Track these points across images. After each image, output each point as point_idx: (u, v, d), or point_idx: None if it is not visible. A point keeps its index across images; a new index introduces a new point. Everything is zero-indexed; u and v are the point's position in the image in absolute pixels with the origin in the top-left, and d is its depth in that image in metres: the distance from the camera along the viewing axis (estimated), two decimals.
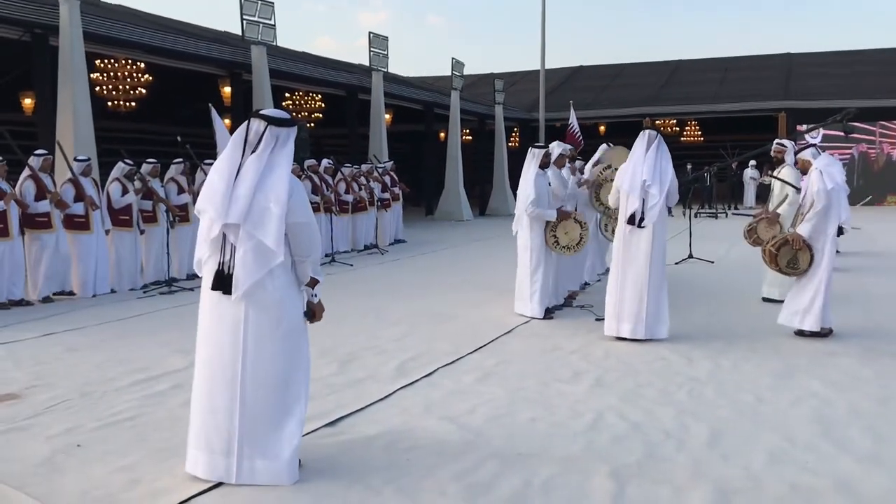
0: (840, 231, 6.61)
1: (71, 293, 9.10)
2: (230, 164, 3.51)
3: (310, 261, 3.59)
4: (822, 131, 26.84)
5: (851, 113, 9.23)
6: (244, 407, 3.52)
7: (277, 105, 18.85)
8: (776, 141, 8.77)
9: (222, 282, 3.51)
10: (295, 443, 3.58)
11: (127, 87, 19.02)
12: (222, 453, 3.55)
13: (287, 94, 23.57)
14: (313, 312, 3.69)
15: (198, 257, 3.63)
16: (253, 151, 3.50)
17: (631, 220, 6.49)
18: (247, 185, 3.44)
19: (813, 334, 6.54)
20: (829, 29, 70.63)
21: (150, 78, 19.02)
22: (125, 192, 9.70)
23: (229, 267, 3.50)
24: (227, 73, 16.88)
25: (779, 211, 8.09)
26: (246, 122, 3.58)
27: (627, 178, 6.55)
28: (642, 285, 6.44)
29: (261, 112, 3.60)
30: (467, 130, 29.31)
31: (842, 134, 22.96)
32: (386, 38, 20.56)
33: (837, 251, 11.82)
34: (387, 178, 15.83)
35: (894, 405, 4.76)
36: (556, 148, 8.21)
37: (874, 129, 27.18)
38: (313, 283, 3.64)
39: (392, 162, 17.02)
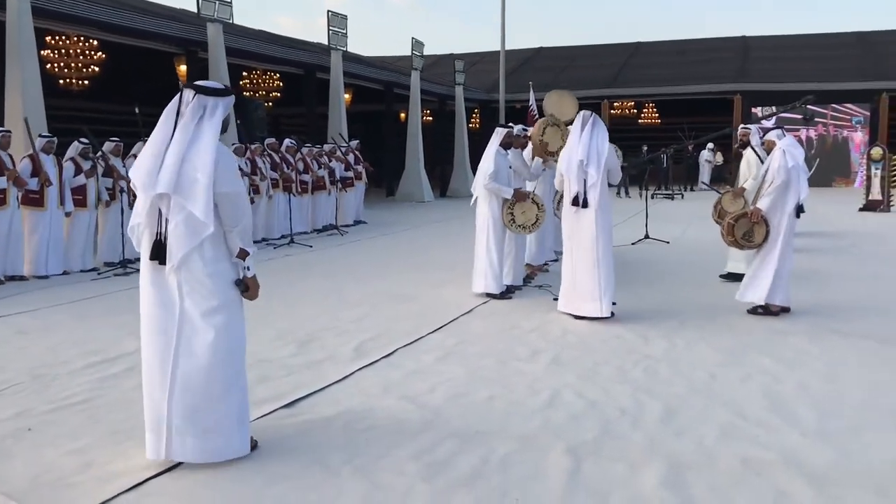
0: (799, 212, 6.75)
1: (22, 278, 8.91)
2: (162, 136, 3.50)
3: (237, 231, 3.54)
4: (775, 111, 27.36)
5: (810, 99, 9.47)
6: (175, 383, 3.48)
7: (234, 83, 18.62)
8: (741, 126, 9.12)
9: (160, 251, 3.48)
10: (229, 421, 3.55)
11: (79, 64, 18.61)
12: (154, 430, 3.52)
13: (244, 73, 23.27)
14: (247, 286, 3.63)
15: (133, 223, 3.60)
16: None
17: (575, 202, 6.56)
18: (174, 155, 3.42)
19: (766, 311, 6.68)
20: (784, 12, 71.58)
21: (104, 55, 18.62)
22: (79, 171, 9.54)
23: (164, 237, 3.48)
24: (183, 50, 16.58)
25: (744, 186, 8.31)
26: (179, 94, 3.56)
27: (565, 161, 6.65)
28: (591, 264, 6.52)
29: (193, 83, 3.59)
30: (427, 111, 29.23)
31: (798, 117, 23.51)
32: (345, 17, 20.36)
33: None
34: (350, 157, 15.74)
35: (841, 381, 4.89)
36: (515, 129, 8.26)
37: (826, 111, 27.71)
38: (243, 254, 3.57)
39: (358, 141, 16.91)
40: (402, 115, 26.46)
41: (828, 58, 30.22)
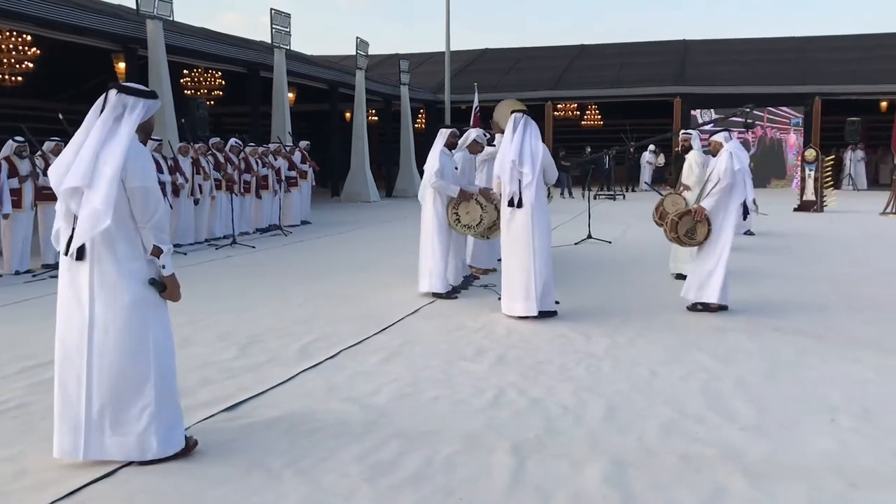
0: (745, 213, 6.93)
1: None
2: (83, 134, 3.50)
3: (150, 227, 3.52)
4: (713, 115, 28.00)
5: (751, 107, 9.86)
6: (92, 382, 3.46)
7: (175, 82, 18.26)
8: (682, 132, 9.43)
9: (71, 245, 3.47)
10: (146, 419, 3.50)
11: (12, 60, 18.05)
12: (71, 430, 3.48)
13: (185, 71, 22.86)
14: (164, 286, 3.60)
15: (56, 228, 3.57)
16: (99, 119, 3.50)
17: (510, 203, 6.62)
18: (88, 151, 3.42)
19: (705, 308, 6.83)
20: (722, 17, 73.20)
21: (38, 51, 18.09)
22: (13, 170, 9.26)
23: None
24: (122, 48, 16.19)
25: (686, 184, 8.50)
26: (105, 94, 3.55)
27: (499, 164, 6.73)
28: (529, 264, 6.58)
29: (118, 83, 3.62)
30: (373, 111, 29.10)
31: (739, 120, 24.19)
32: (288, 15, 20.16)
33: (751, 232, 12.56)
34: (297, 156, 15.58)
35: (777, 377, 5.02)
36: (472, 133, 8.28)
37: (763, 114, 28.40)
38: (157, 251, 3.55)
39: (308, 143, 16.74)
40: (348, 114, 26.30)
41: (764, 62, 31.01)
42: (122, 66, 16.75)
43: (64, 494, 3.26)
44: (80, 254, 3.45)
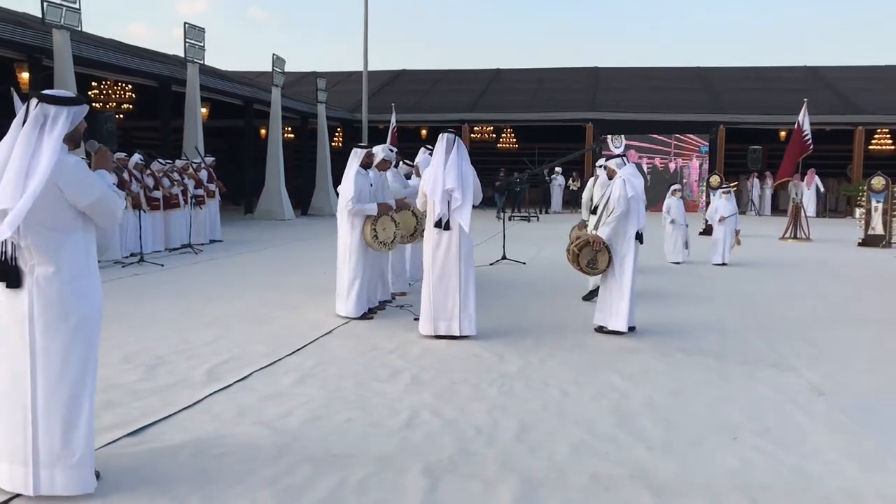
0: (640, 239, 7.08)
1: None
2: (6, 151, 3.30)
3: (117, 221, 3.58)
4: (624, 141, 28.85)
5: (598, 146, 10.14)
6: (37, 411, 3.28)
7: (83, 94, 17.67)
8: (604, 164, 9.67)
9: (6, 272, 3.27)
10: (86, 448, 3.36)
11: None
12: (21, 463, 3.28)
13: (94, 83, 22.18)
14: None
15: None
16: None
17: (438, 224, 6.66)
18: (13, 170, 3.22)
19: (613, 330, 6.99)
20: (631, 46, 75.64)
21: None
22: None
23: (13, 258, 3.27)
24: (26, 57, 15.57)
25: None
26: (26, 104, 3.37)
27: (430, 184, 6.74)
28: (455, 284, 6.63)
29: (40, 91, 3.43)
30: (289, 128, 28.83)
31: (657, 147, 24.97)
32: (203, 30, 19.81)
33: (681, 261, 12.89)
34: (203, 174, 15.25)
35: (683, 396, 5.17)
36: (380, 152, 8.25)
37: (670, 141, 29.39)
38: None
39: (214, 158, 16.41)
40: (263, 131, 25.97)
41: (671, 90, 32.20)
42: (25, 76, 16.10)
43: None
44: (17, 280, 3.26)
